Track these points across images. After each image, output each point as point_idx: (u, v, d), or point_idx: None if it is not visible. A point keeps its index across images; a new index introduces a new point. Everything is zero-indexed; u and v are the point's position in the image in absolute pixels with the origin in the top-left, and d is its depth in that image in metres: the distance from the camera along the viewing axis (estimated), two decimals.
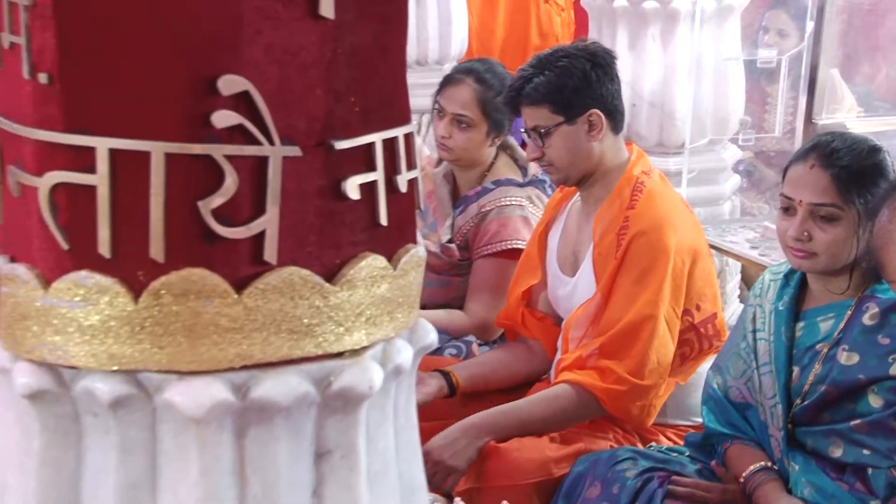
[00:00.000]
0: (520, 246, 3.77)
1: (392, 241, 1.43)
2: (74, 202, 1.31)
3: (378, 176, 1.40)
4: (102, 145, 1.29)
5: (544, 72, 3.23)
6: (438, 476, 3.08)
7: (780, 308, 2.93)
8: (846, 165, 2.73)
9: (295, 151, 1.32)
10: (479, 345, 3.96)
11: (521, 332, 3.62)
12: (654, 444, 3.33)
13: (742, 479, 2.95)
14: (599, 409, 3.22)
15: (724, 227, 4.40)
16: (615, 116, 3.29)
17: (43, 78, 1.29)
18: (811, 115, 4.18)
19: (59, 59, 1.29)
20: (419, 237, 1.52)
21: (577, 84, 3.22)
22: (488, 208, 3.88)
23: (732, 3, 4.50)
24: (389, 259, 1.42)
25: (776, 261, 3.78)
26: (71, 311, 1.32)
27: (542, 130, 3.23)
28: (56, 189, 1.31)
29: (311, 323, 1.36)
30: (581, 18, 5.92)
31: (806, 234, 2.74)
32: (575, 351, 3.24)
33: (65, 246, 1.32)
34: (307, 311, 1.35)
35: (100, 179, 1.29)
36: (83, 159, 1.30)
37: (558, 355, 3.41)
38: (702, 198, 4.53)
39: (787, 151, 5.97)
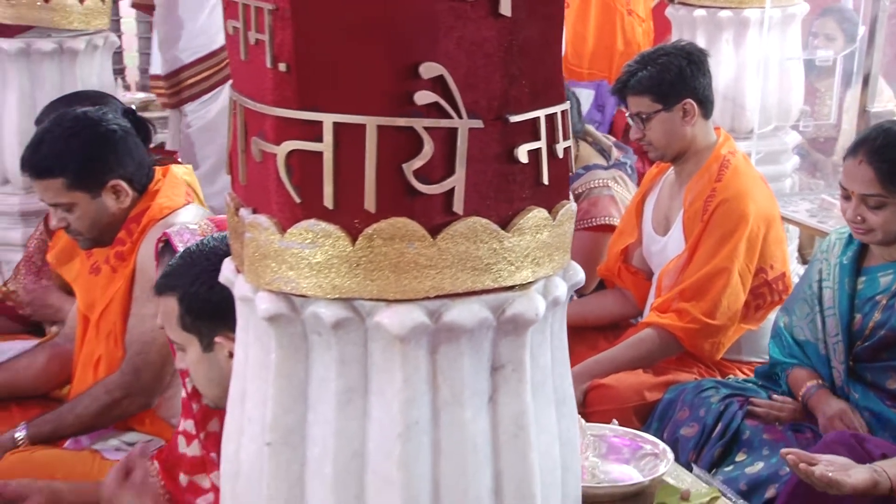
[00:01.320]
0: (608, 222, 3.77)
1: (552, 197, 1.45)
2: (305, 165, 1.36)
3: (542, 144, 1.42)
4: (328, 119, 1.33)
5: (647, 67, 3.26)
6: None
7: (844, 262, 2.94)
8: (889, 160, 2.74)
9: (478, 124, 1.35)
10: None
11: (617, 283, 3.66)
12: (731, 376, 3.35)
13: (800, 396, 2.98)
14: (678, 347, 3.25)
15: (785, 200, 4.34)
16: (706, 105, 3.31)
17: (282, 67, 1.34)
18: (865, 105, 4.14)
19: (295, 52, 1.34)
20: None
21: (674, 78, 3.24)
22: (580, 191, 3.88)
23: (795, 12, 4.44)
24: (549, 211, 1.44)
25: (832, 227, 3.76)
26: (302, 251, 1.37)
27: (644, 116, 3.27)
28: (291, 155, 1.36)
29: (489, 262, 1.39)
30: (658, 28, 5.85)
31: (860, 217, 2.79)
32: (663, 296, 3.27)
33: (297, 200, 1.36)
34: (486, 253, 1.38)
35: (325, 147, 1.34)
36: (312, 131, 1.34)
37: (649, 303, 3.44)
38: (767, 175, 4.43)
39: (832, 138, 5.87)
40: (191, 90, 3.86)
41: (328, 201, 1.35)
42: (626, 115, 3.42)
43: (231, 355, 1.96)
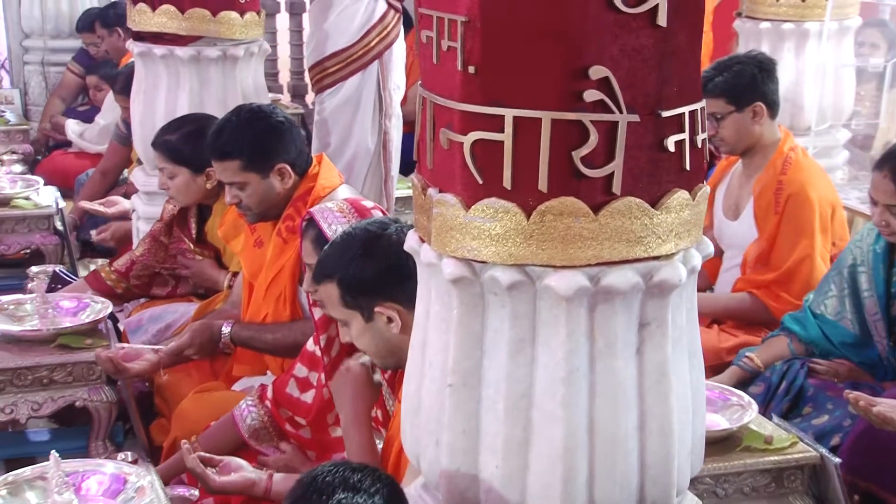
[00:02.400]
0: None
1: (692, 181, 1.47)
2: (487, 152, 1.39)
3: (685, 136, 1.43)
4: (509, 114, 1.37)
5: (723, 73, 3.24)
6: None
7: (878, 251, 2.90)
8: None
9: (635, 118, 1.38)
10: None
11: None
12: None
13: None
14: (772, 320, 3.23)
15: (838, 189, 4.28)
16: (773, 107, 3.29)
17: (471, 69, 1.38)
18: None
19: (483, 57, 1.37)
20: None
21: (747, 83, 3.23)
22: None
23: (850, 25, 4.37)
24: (690, 193, 1.46)
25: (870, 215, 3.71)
26: (484, 224, 1.41)
27: (718, 116, 3.26)
28: (475, 143, 1.40)
29: (641, 235, 1.41)
30: (718, 39, 5.77)
31: (884, 222, 2.76)
32: (751, 274, 3.28)
33: (480, 181, 1.40)
34: (639, 227, 1.41)
35: (506, 137, 1.38)
36: (495, 123, 1.38)
37: (721, 276, 3.44)
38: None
39: (870, 136, 5.75)
40: (322, 82, 3.90)
41: (507, 182, 1.39)
42: None
43: (390, 321, 2.01)
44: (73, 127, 5.42)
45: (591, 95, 1.35)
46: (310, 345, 2.52)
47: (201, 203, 3.36)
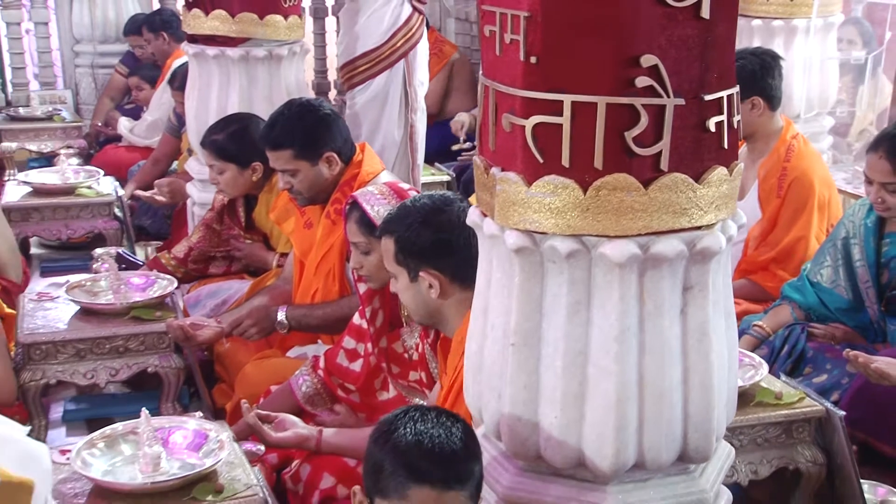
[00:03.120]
0: None
1: (729, 158, 1.48)
2: (547, 133, 1.41)
3: (724, 117, 1.45)
4: (567, 99, 1.38)
5: None
6: None
7: (869, 225, 2.91)
8: None
9: (681, 102, 1.39)
10: None
11: None
12: None
13: None
14: (768, 296, 3.24)
15: None
16: (772, 101, 3.28)
17: (532, 60, 1.39)
18: None
19: (543, 48, 1.38)
20: None
21: (745, 78, 3.19)
22: None
23: (833, 21, 4.36)
24: (727, 169, 1.47)
25: (864, 193, 3.71)
26: (544, 199, 1.42)
27: None
28: (536, 126, 1.41)
29: (685, 207, 1.42)
30: None
31: (880, 199, 2.77)
32: (752, 254, 3.29)
33: (540, 160, 1.42)
34: (684, 200, 1.42)
35: (565, 120, 1.39)
36: (554, 108, 1.39)
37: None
38: None
39: (847, 124, 5.74)
40: (352, 80, 3.91)
41: (565, 161, 1.40)
42: None
43: (430, 286, 2.04)
44: (124, 123, 5.44)
45: (641, 81, 1.37)
46: (356, 318, 2.55)
47: (248, 194, 3.39)
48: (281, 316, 2.79)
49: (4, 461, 1.27)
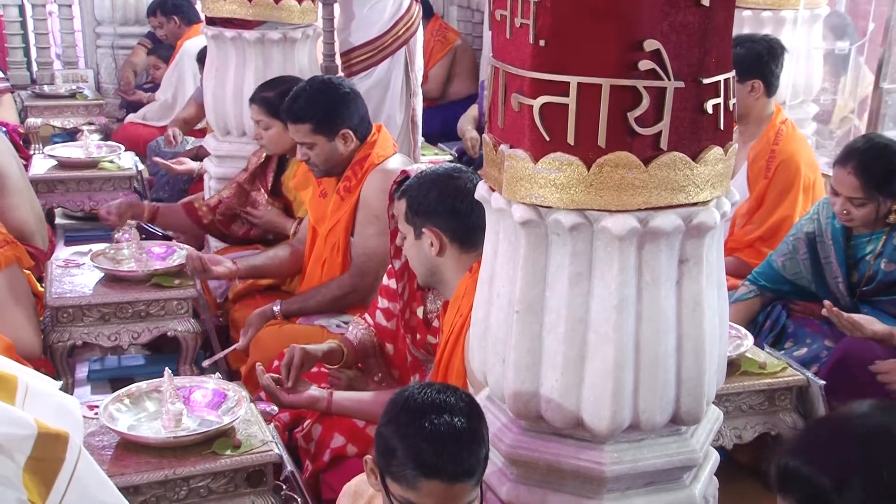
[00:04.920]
0: None
1: (724, 139, 1.48)
2: (553, 113, 1.41)
3: (720, 100, 1.45)
4: (573, 80, 1.38)
5: (735, 47, 3.16)
6: None
7: (837, 225, 2.85)
8: (871, 171, 2.64)
9: (681, 85, 1.39)
10: None
11: None
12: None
13: None
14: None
15: None
16: (770, 87, 3.26)
17: (541, 43, 1.39)
18: (878, 83, 4.07)
19: (551, 32, 1.38)
20: None
21: (752, 60, 3.18)
22: None
23: (819, 13, 4.34)
24: (723, 149, 1.48)
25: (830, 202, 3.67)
26: (549, 174, 1.43)
27: None
28: (543, 106, 1.41)
29: (683, 184, 1.43)
30: None
31: (845, 211, 2.70)
32: (738, 233, 3.29)
33: (547, 138, 1.42)
34: (681, 178, 1.43)
35: (570, 100, 1.39)
36: (561, 88, 1.40)
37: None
38: None
39: (829, 111, 5.72)
40: (352, 68, 3.89)
41: (570, 139, 1.41)
42: None
43: (431, 245, 2.07)
44: (138, 113, 5.47)
45: (644, 65, 1.37)
46: (385, 280, 2.53)
47: (283, 155, 3.37)
48: (277, 309, 2.82)
49: (41, 413, 1.28)
